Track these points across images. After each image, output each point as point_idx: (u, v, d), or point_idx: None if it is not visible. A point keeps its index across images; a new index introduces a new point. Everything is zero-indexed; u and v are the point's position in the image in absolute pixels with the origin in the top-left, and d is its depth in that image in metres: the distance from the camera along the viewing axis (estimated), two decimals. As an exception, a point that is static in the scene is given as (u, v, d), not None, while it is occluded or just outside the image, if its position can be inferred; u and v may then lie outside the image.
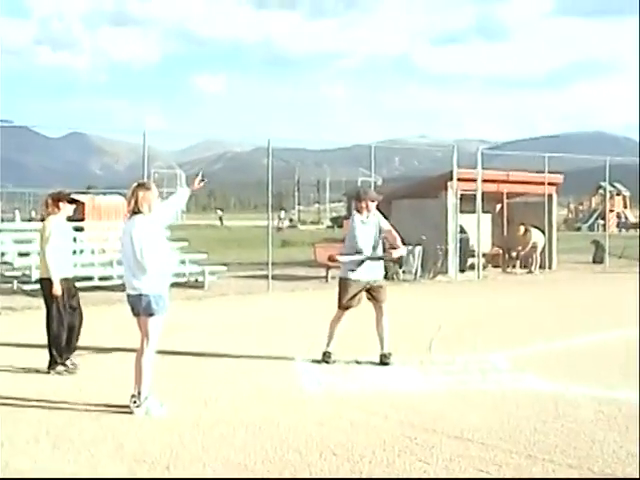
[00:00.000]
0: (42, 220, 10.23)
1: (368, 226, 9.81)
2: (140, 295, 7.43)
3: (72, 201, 9.70)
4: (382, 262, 10.07)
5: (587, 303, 16.68)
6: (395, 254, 10.08)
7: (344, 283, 9.88)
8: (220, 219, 76.87)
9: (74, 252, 18.65)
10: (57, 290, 9.19)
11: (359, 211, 9.92)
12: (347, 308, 9.83)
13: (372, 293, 9.87)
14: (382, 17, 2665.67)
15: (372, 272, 9.82)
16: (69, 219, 9.94)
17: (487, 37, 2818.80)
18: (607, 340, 11.69)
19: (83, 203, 26.48)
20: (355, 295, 9.77)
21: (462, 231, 22.96)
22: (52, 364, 9.27)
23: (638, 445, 6.43)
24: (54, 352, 9.30)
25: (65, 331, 9.38)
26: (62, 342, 9.34)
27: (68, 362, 9.32)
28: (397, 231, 10.05)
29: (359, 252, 9.70)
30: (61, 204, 9.50)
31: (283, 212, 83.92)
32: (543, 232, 24.52)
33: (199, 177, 8.28)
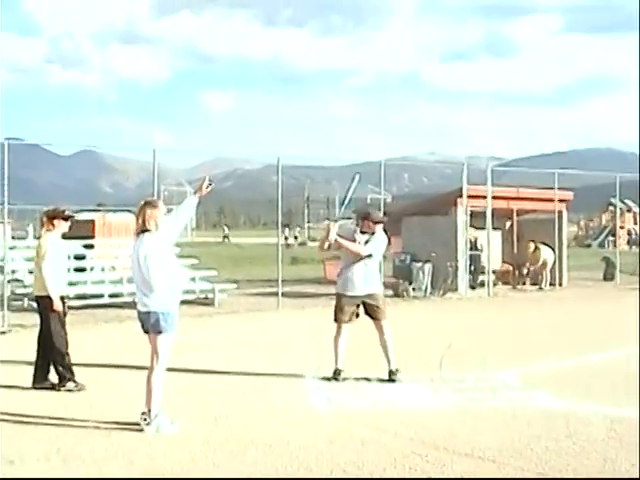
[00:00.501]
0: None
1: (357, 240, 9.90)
2: (149, 312, 7.43)
3: (67, 218, 9.68)
4: (378, 276, 10.12)
5: (598, 320, 16.62)
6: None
7: (339, 298, 9.99)
8: (225, 236, 75.86)
9: (84, 270, 18.80)
10: (58, 306, 9.21)
11: (362, 230, 9.98)
12: (343, 322, 9.88)
13: (369, 311, 9.91)
14: (391, 34, 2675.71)
15: (367, 286, 9.86)
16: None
17: (495, 54, 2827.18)
18: (618, 358, 11.62)
19: (92, 221, 26.61)
20: (349, 310, 9.84)
21: (475, 248, 22.98)
22: (62, 381, 9.26)
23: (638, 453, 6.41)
24: (60, 369, 9.28)
25: (66, 347, 9.38)
26: (66, 358, 9.33)
27: (73, 384, 9.29)
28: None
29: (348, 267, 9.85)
30: (56, 221, 9.48)
31: (287, 229, 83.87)
32: (553, 249, 24.47)
33: (206, 182, 8.13)
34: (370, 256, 9.85)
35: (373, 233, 9.93)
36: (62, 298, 9.48)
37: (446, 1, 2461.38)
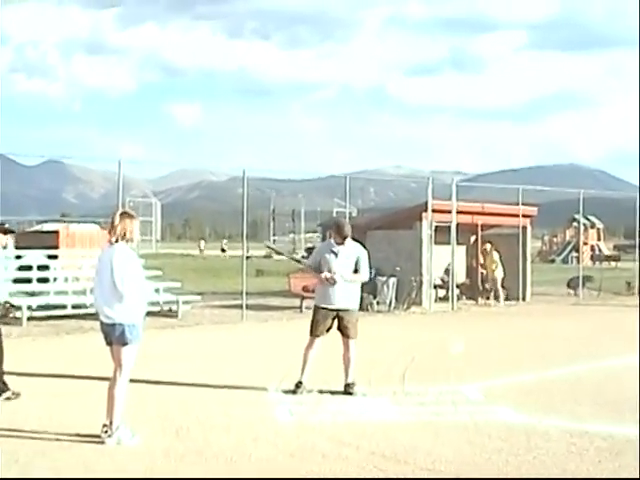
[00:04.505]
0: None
1: (340, 256, 9.86)
2: (114, 324, 7.39)
3: (6, 231, 9.74)
4: (357, 291, 10.07)
5: (560, 335, 16.72)
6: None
7: (317, 311, 9.94)
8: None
9: (47, 280, 18.66)
10: None
11: (337, 241, 9.93)
12: (317, 335, 9.85)
13: (340, 327, 9.87)
14: (357, 48, 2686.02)
15: (345, 300, 9.84)
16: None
17: (461, 69, 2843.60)
18: (580, 372, 11.72)
19: (56, 231, 26.40)
20: (324, 323, 9.82)
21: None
22: None
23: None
24: None
25: None
26: None
27: (9, 393, 9.13)
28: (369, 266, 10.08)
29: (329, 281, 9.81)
30: None
31: (203, 242, 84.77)
32: (502, 263, 24.55)
33: None
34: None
35: (343, 242, 9.90)
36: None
37: (412, 16, 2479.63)
